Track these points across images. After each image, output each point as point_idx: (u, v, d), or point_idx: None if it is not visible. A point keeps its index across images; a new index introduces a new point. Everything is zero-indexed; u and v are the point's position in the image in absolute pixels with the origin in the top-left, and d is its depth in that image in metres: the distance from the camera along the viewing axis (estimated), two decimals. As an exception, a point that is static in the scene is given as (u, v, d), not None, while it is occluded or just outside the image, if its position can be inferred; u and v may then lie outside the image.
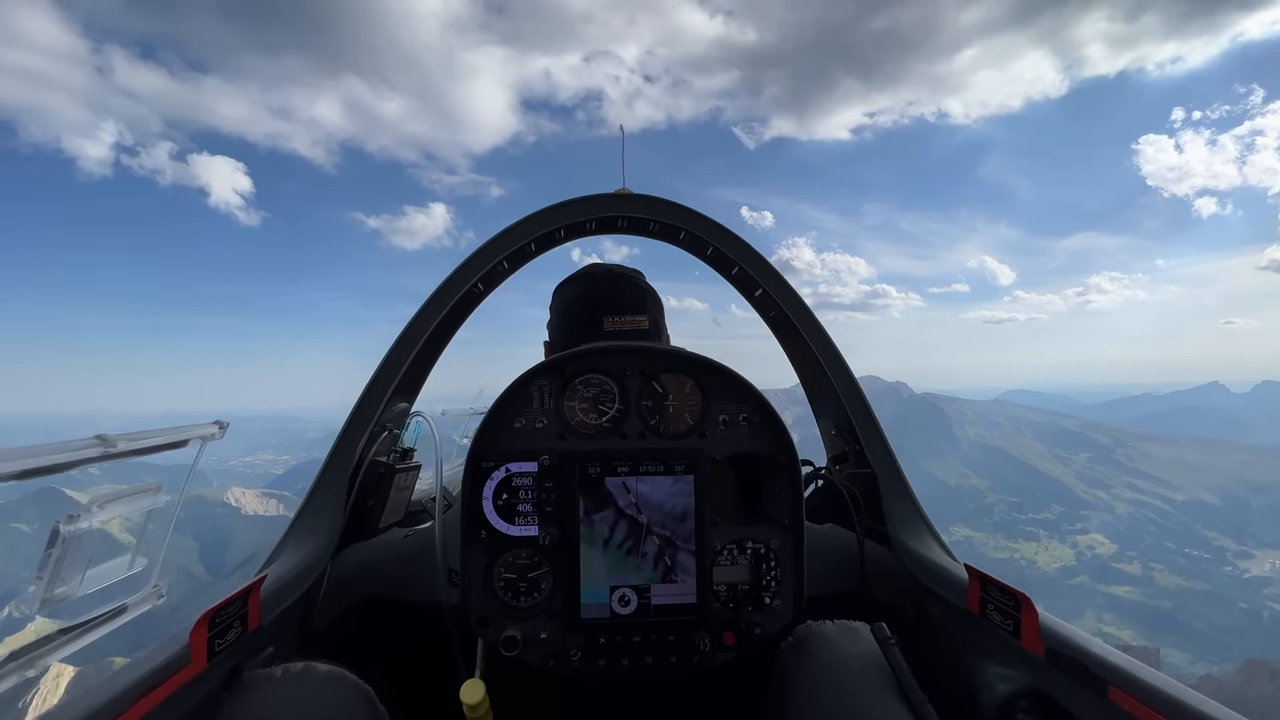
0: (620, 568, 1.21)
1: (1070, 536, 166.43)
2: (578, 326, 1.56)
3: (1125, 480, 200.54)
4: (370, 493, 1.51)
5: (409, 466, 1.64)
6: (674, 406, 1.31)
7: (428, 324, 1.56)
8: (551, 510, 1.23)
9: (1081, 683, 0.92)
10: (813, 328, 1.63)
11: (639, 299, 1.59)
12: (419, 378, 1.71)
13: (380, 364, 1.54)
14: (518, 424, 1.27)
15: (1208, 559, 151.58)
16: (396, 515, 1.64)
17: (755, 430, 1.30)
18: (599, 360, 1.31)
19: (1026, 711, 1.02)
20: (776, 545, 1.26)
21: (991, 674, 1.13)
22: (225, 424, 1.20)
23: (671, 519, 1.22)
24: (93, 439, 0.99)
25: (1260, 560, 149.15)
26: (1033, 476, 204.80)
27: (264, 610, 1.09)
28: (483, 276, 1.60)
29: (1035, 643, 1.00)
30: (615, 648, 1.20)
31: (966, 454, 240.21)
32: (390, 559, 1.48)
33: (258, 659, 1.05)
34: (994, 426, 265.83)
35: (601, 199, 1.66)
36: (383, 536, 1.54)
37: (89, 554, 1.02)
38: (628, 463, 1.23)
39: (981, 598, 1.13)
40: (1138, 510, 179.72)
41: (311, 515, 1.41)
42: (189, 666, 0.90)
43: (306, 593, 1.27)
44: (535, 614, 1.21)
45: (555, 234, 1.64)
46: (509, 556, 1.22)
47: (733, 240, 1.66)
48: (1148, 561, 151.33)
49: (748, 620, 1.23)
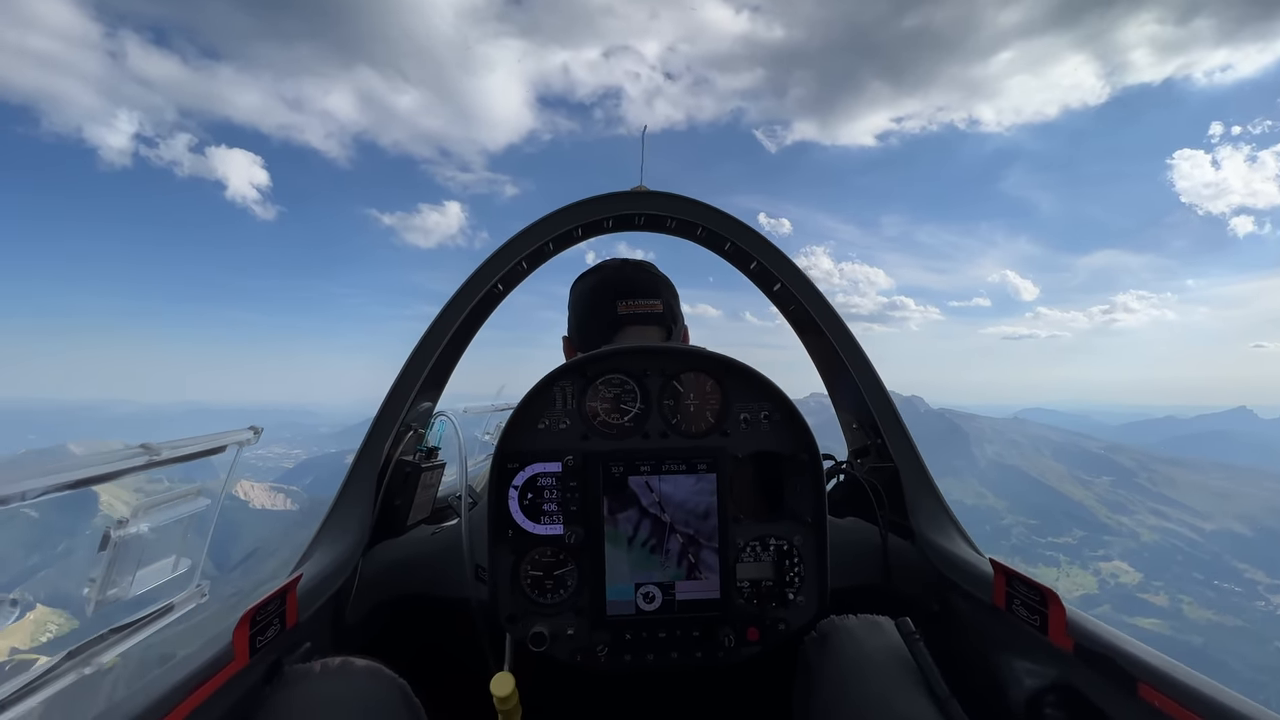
0: (644, 566, 1.23)
1: (1093, 563, 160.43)
2: (594, 314, 1.59)
3: (1150, 506, 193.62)
4: (397, 491, 1.55)
5: (434, 465, 1.67)
6: (695, 405, 1.32)
7: (450, 324, 1.58)
8: (576, 509, 1.24)
9: (1111, 679, 0.90)
10: (833, 321, 1.63)
11: (652, 284, 1.63)
12: (442, 377, 1.73)
13: (405, 364, 1.56)
14: (541, 425, 1.29)
15: (1239, 592, 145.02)
16: (423, 513, 1.67)
17: (777, 428, 1.31)
18: (620, 361, 1.32)
19: (1054, 706, 1.01)
20: (799, 542, 1.26)
21: (1018, 669, 1.11)
22: (260, 429, 1.25)
23: (694, 517, 1.23)
24: (138, 448, 1.03)
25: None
26: (1053, 498, 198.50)
27: (301, 607, 1.12)
28: (502, 277, 1.62)
29: (1063, 638, 0.99)
30: (641, 643, 1.22)
31: (984, 472, 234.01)
32: (418, 556, 1.50)
33: (296, 654, 1.09)
34: (1013, 445, 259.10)
35: (619, 197, 1.67)
36: (410, 534, 1.57)
37: (138, 557, 1.07)
38: (650, 462, 1.24)
39: (1007, 593, 1.12)
40: (1164, 538, 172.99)
41: (342, 514, 1.44)
42: (233, 663, 0.94)
43: (339, 590, 1.30)
44: (562, 611, 1.23)
45: (573, 233, 1.66)
46: (535, 554, 1.24)
47: (750, 235, 1.66)
48: (1175, 593, 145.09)
49: (772, 616, 1.24)
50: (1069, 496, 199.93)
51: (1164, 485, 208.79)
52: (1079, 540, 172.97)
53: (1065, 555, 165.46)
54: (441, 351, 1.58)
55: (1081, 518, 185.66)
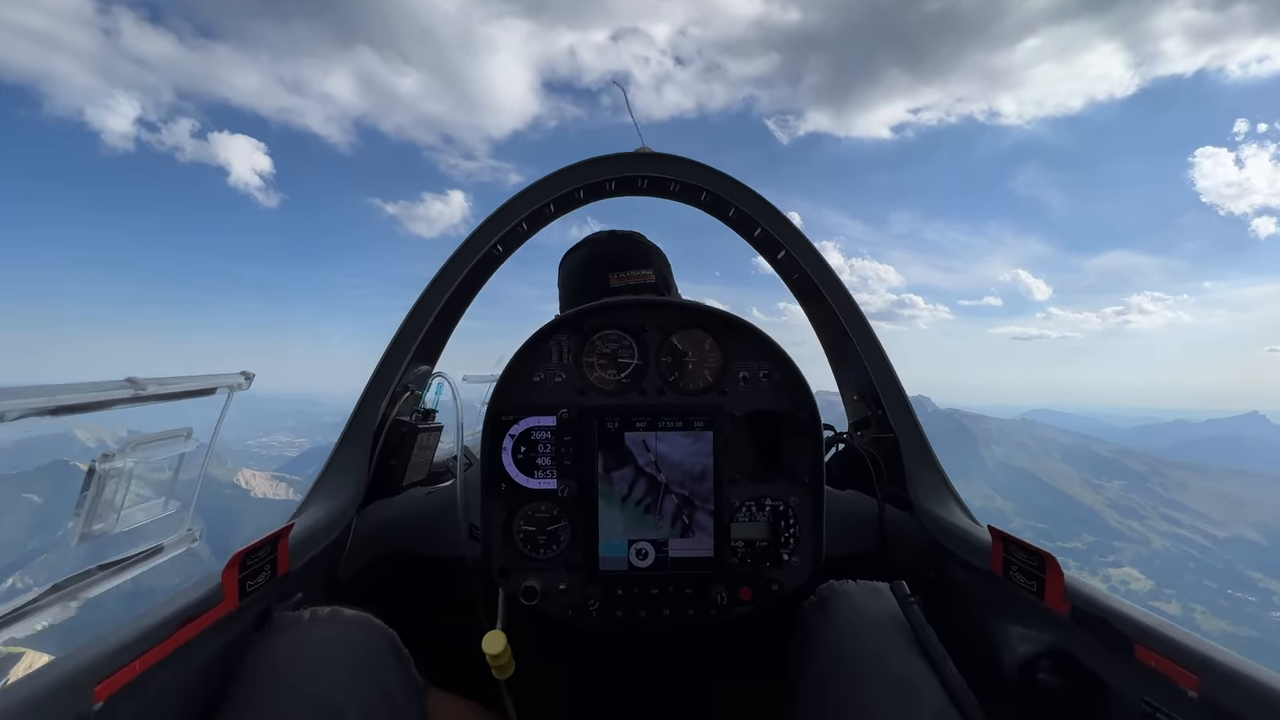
0: (638, 524, 1.23)
1: (1102, 569, 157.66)
2: (585, 288, 1.57)
3: (1161, 512, 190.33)
4: (393, 451, 1.54)
5: (431, 427, 1.66)
6: (693, 363, 1.31)
7: (447, 285, 1.56)
8: (570, 464, 1.24)
9: (1107, 642, 0.91)
10: (836, 290, 1.61)
11: (643, 255, 1.61)
12: (440, 340, 1.71)
13: (401, 325, 1.55)
14: (536, 378, 1.28)
15: (1253, 602, 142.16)
16: (419, 474, 1.67)
17: (776, 387, 1.30)
18: (617, 315, 1.31)
19: (1049, 671, 1.02)
20: (795, 503, 1.26)
21: (1014, 634, 1.13)
22: (252, 374, 1.25)
23: (690, 478, 1.23)
24: (123, 381, 1.00)
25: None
26: (1062, 502, 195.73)
27: (293, 557, 1.12)
28: (502, 238, 1.60)
29: (1060, 603, 0.99)
30: (633, 599, 1.22)
31: (992, 475, 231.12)
32: (413, 515, 1.51)
33: (287, 603, 1.09)
34: (1021, 447, 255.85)
35: (622, 158, 1.64)
36: (405, 494, 1.57)
37: (124, 493, 1.05)
38: (646, 418, 1.23)
39: (1005, 559, 1.12)
40: (1175, 545, 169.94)
41: (337, 470, 1.44)
42: (221, 604, 0.95)
43: (333, 544, 1.31)
44: (554, 565, 1.23)
45: (574, 194, 1.63)
46: (528, 509, 1.24)
47: (756, 200, 1.63)
48: (1188, 601, 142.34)
49: (765, 576, 1.24)
50: (1078, 500, 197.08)
51: (1175, 490, 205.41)
52: (1089, 546, 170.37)
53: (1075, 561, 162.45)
54: (439, 312, 1.56)
55: (1091, 522, 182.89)
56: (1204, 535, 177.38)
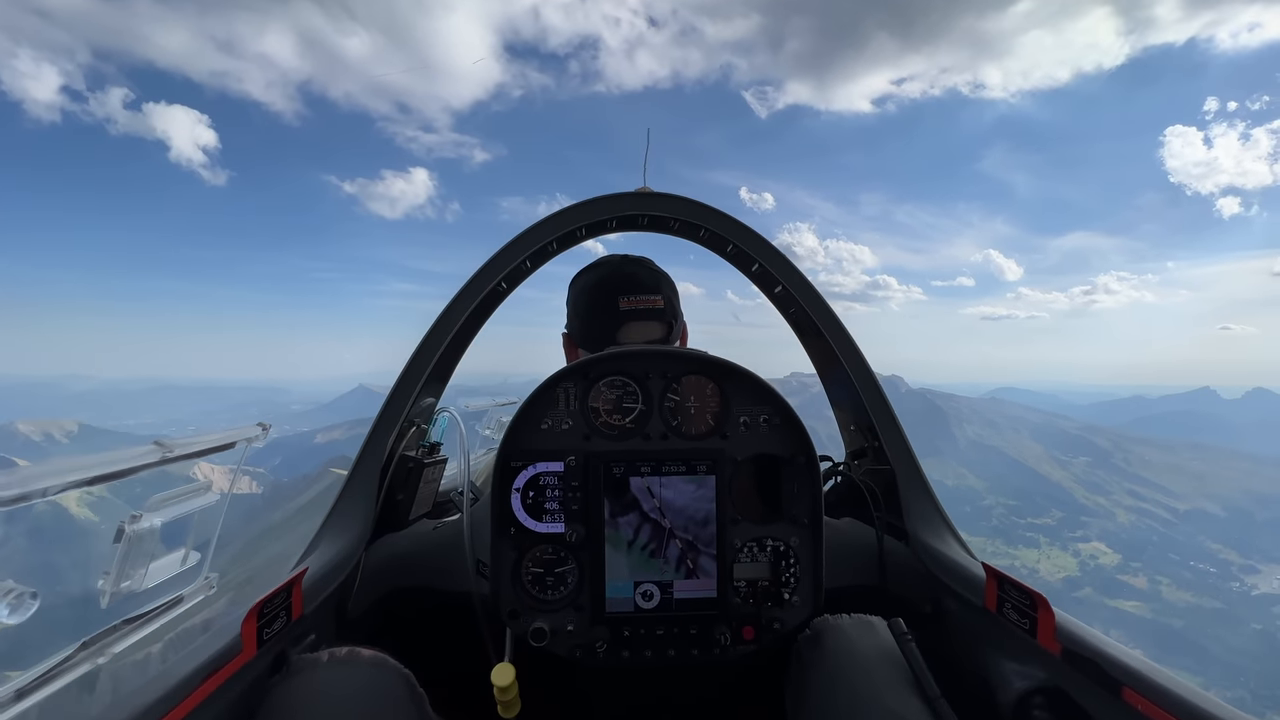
0: (643, 568, 1.25)
1: (1072, 544, 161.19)
2: (596, 310, 1.63)
3: (1126, 487, 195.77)
4: (400, 486, 1.57)
5: (436, 460, 1.69)
6: (695, 408, 1.35)
7: (454, 321, 1.60)
8: (578, 509, 1.27)
9: (1097, 682, 0.94)
10: (832, 325, 1.66)
11: (653, 280, 1.67)
12: (445, 373, 1.76)
13: (409, 360, 1.58)
14: (545, 425, 1.32)
15: (1214, 573, 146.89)
16: (425, 507, 1.70)
17: (775, 431, 1.34)
18: (622, 363, 1.36)
19: (1042, 708, 1.04)
20: (796, 544, 1.29)
21: (1008, 671, 1.15)
22: (268, 426, 1.29)
23: (694, 524, 1.26)
24: (150, 445, 1.07)
25: (1267, 576, 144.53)
26: (1032, 479, 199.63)
27: (305, 600, 1.15)
28: (506, 275, 1.64)
29: (1051, 641, 1.02)
30: (639, 640, 1.25)
31: (964, 453, 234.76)
32: (420, 550, 1.54)
33: (302, 645, 1.14)
34: (991, 425, 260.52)
35: (623, 198, 1.69)
36: (412, 528, 1.60)
37: (151, 551, 1.10)
38: (650, 463, 1.27)
39: (999, 596, 1.15)
40: (1140, 519, 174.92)
41: (346, 508, 1.47)
42: (241, 654, 0.97)
43: (343, 582, 1.33)
44: (562, 607, 1.26)
45: (576, 232, 1.68)
46: (536, 552, 1.27)
47: (753, 238, 1.69)
48: (1153, 574, 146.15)
49: (767, 615, 1.27)
50: (1047, 477, 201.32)
51: (1138, 465, 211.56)
52: (1058, 521, 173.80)
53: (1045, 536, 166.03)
54: (445, 348, 1.60)
55: (1060, 499, 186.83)
56: (1166, 509, 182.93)
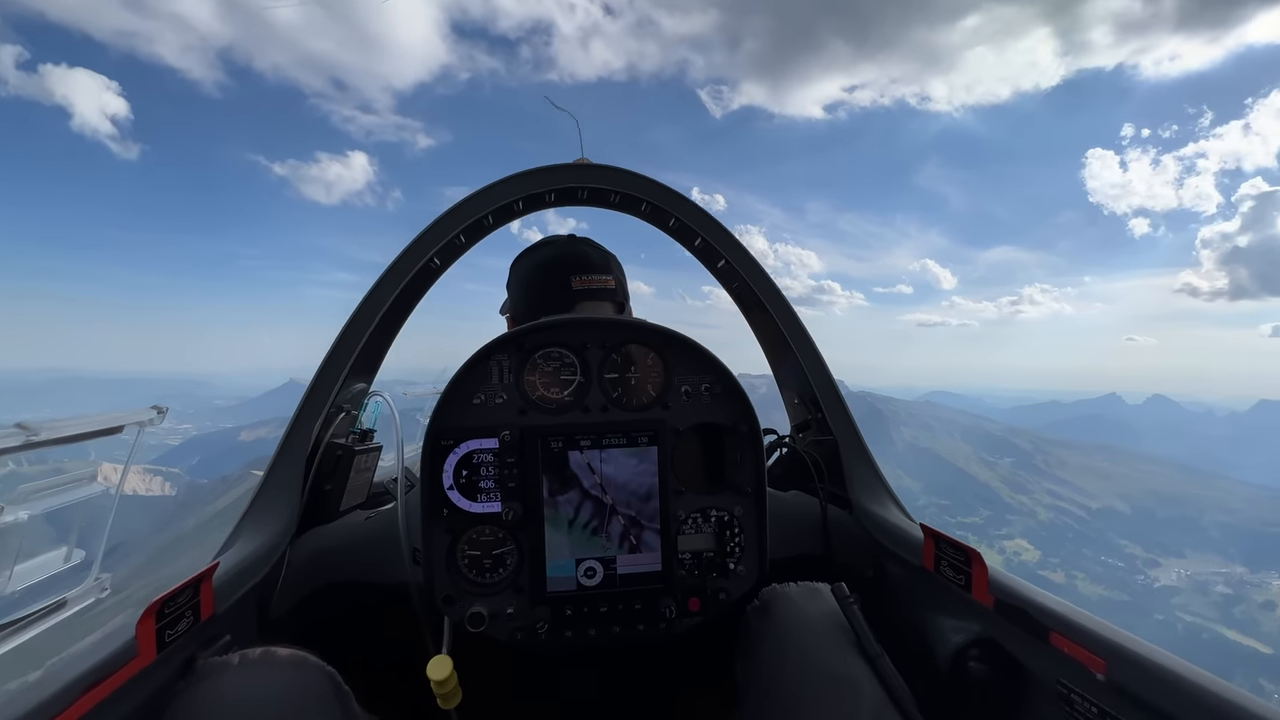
0: (585, 546, 1.23)
1: (998, 541, 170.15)
2: (546, 290, 1.55)
3: (1045, 486, 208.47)
4: (328, 476, 1.49)
5: (369, 448, 1.60)
6: (636, 379, 1.32)
7: (383, 300, 1.52)
8: (514, 486, 1.23)
9: (1026, 630, 1.00)
10: (775, 299, 1.65)
11: (604, 260, 1.61)
12: (377, 356, 1.67)
13: (334, 343, 1.50)
14: (476, 400, 1.26)
15: (1121, 567, 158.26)
16: (359, 498, 1.61)
17: (718, 400, 1.32)
18: (559, 333, 1.30)
19: (978, 659, 1.10)
20: (740, 513, 1.29)
21: (946, 626, 1.20)
22: (164, 409, 1.12)
23: (636, 498, 1.24)
24: (12, 427, 0.92)
25: (1167, 569, 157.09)
26: (962, 479, 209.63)
27: (218, 598, 1.07)
28: (439, 250, 1.57)
29: (985, 595, 1.07)
30: (582, 619, 1.22)
31: (901, 455, 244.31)
32: (352, 542, 1.46)
33: (214, 648, 1.03)
34: (926, 428, 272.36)
35: (561, 169, 1.62)
36: (343, 520, 1.52)
37: (17, 549, 0.96)
38: (590, 436, 1.23)
39: (936, 555, 1.20)
40: (1057, 516, 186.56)
41: (267, 500, 1.39)
42: (137, 659, 0.87)
43: (264, 579, 1.25)
44: (501, 589, 1.22)
45: (513, 206, 1.61)
46: (472, 534, 1.22)
47: (695, 211, 1.65)
48: (1070, 569, 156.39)
49: (713, 586, 1.26)
50: (975, 478, 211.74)
51: (1056, 466, 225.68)
52: (985, 520, 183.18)
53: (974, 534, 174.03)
54: (374, 329, 1.52)
55: (987, 498, 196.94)
56: (1080, 507, 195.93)
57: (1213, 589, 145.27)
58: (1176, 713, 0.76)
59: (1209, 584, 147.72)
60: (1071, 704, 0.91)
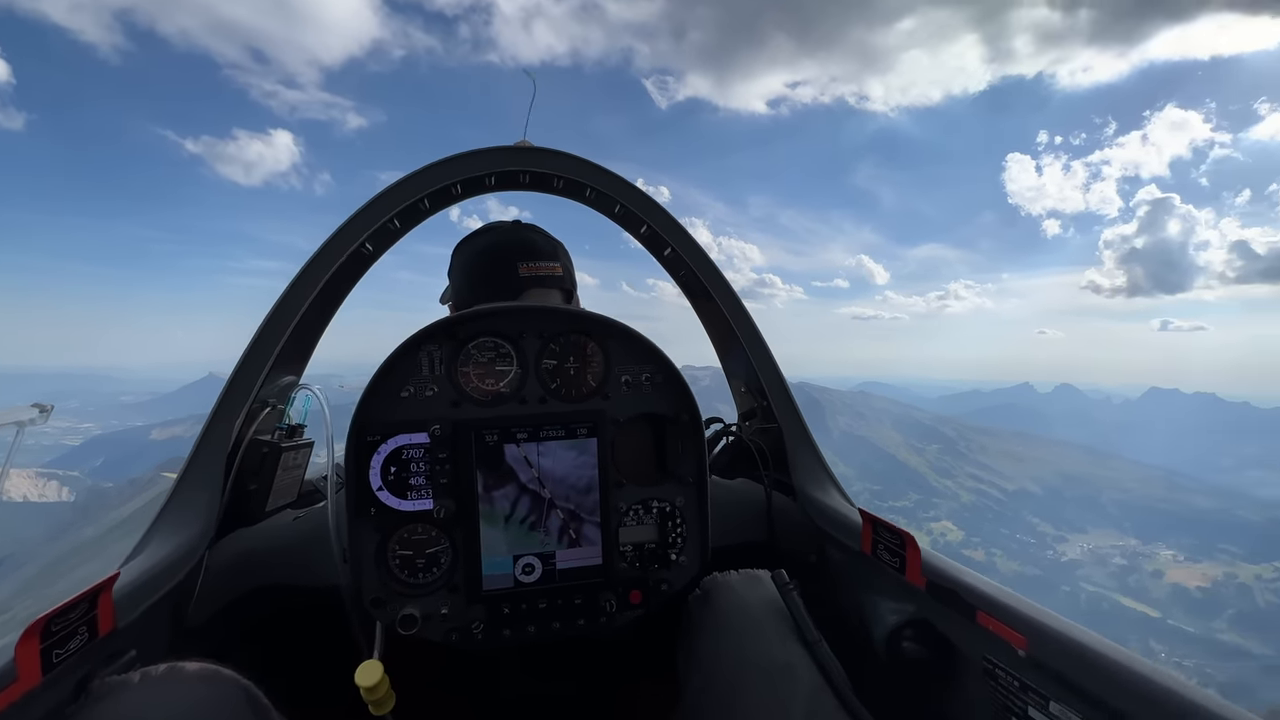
0: (523, 541, 1.20)
1: (926, 524, 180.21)
2: (492, 277, 1.49)
3: (968, 471, 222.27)
4: (252, 474, 1.40)
5: (299, 444, 1.51)
6: (575, 369, 1.28)
7: (310, 288, 1.44)
8: (446, 482, 1.18)
9: (956, 610, 1.03)
10: (722, 288, 1.64)
11: (551, 247, 1.56)
12: (306, 347, 1.59)
13: (256, 333, 1.41)
14: (405, 392, 1.21)
15: (1033, 544, 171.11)
16: (288, 497, 1.53)
17: (659, 390, 1.30)
18: (494, 322, 1.26)
19: (911, 639, 1.13)
20: (682, 503, 1.28)
21: (883, 608, 1.23)
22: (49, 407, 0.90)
23: (576, 492, 1.22)
24: None
25: (1072, 544, 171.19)
26: (893, 465, 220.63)
27: (120, 611, 0.97)
28: (371, 235, 1.49)
29: (918, 577, 1.10)
30: (520, 616, 1.19)
31: (838, 443, 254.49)
32: (280, 544, 1.38)
33: (114, 665, 0.92)
34: (859, 417, 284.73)
35: (501, 152, 1.56)
36: (270, 521, 1.44)
37: None
38: (527, 428, 1.20)
39: (874, 539, 1.22)
40: (979, 499, 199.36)
41: (181, 503, 1.29)
42: (17, 683, 0.78)
43: (177, 587, 1.16)
44: (435, 589, 1.18)
45: (451, 189, 1.54)
46: (403, 533, 1.18)
47: (641, 198, 1.62)
48: (990, 547, 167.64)
49: (655, 577, 1.25)
50: (905, 464, 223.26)
51: (977, 452, 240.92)
52: (914, 503, 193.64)
53: (904, 518, 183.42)
54: (302, 319, 1.44)
55: (916, 483, 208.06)
56: (998, 489, 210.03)
57: (1111, 561, 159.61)
58: (1086, 683, 0.81)
59: (1108, 556, 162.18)
60: (996, 679, 0.96)
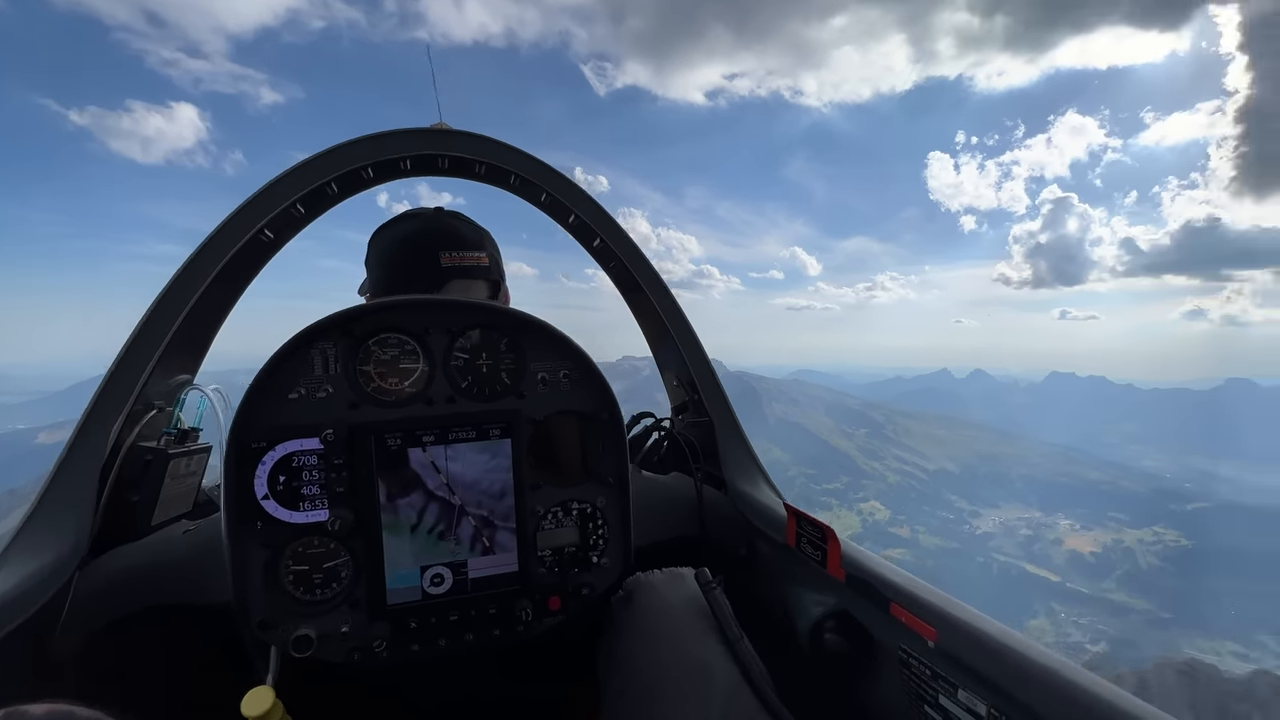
0: (431, 552, 1.12)
1: (856, 504, 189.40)
2: (412, 267, 1.39)
3: (894, 453, 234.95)
4: (134, 484, 1.27)
5: (191, 450, 1.38)
6: (487, 366, 1.20)
7: (201, 279, 1.30)
8: (343, 491, 1.09)
9: (872, 601, 1.05)
10: (652, 280, 1.62)
11: (476, 236, 1.47)
12: (200, 343, 1.45)
13: (137, 328, 1.27)
14: (294, 394, 1.11)
15: (952, 519, 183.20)
16: (182, 507, 1.40)
17: (577, 387, 1.24)
18: (395, 317, 1.17)
19: (832, 630, 1.14)
20: (603, 504, 1.24)
21: (806, 601, 1.24)
22: None
23: (489, 497, 1.15)
24: None
25: (985, 518, 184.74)
26: (825, 450, 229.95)
27: None
28: (270, 222, 1.35)
29: (838, 569, 1.11)
30: (430, 630, 1.12)
31: (773, 429, 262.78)
32: (167, 559, 1.25)
33: None
34: (794, 404, 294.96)
35: (417, 134, 1.47)
36: (157, 535, 1.30)
37: None
38: (434, 431, 1.12)
39: (798, 533, 1.23)
40: (904, 479, 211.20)
41: (44, 521, 1.14)
42: None
43: (39, 615, 1.04)
44: (335, 606, 1.09)
45: (362, 173, 1.44)
46: (297, 547, 1.08)
47: (569, 187, 1.57)
48: (914, 524, 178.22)
49: (575, 582, 1.21)
50: (836, 448, 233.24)
51: (902, 435, 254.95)
52: (845, 485, 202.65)
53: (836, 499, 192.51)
54: (192, 312, 1.30)
55: (846, 466, 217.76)
56: (921, 469, 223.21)
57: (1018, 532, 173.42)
58: (990, 672, 0.83)
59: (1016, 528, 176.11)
60: (910, 668, 0.97)
